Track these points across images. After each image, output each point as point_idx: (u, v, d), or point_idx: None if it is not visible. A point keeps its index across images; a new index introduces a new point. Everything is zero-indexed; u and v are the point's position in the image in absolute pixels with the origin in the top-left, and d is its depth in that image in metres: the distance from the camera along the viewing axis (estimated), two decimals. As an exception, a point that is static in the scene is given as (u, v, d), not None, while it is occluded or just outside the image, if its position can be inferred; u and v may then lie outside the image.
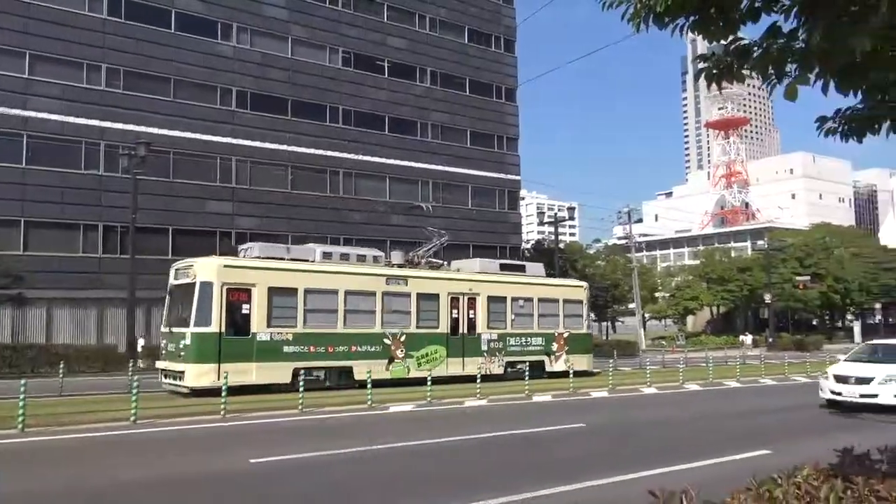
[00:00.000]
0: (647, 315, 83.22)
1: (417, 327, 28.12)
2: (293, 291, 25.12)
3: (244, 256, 26.11)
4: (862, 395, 18.92)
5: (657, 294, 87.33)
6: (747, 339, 67.59)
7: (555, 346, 32.33)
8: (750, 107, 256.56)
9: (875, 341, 23.29)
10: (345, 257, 27.57)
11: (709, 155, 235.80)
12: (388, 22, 59.28)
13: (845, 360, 20.95)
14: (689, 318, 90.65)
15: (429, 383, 22.71)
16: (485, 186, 62.75)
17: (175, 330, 24.46)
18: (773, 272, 71.34)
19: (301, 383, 21.09)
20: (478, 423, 17.40)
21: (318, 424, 17.32)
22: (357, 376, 25.85)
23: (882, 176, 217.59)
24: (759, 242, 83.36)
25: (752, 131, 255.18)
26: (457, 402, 21.80)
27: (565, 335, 32.74)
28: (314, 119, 54.59)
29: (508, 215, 64.27)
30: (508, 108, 64.79)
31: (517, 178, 65.13)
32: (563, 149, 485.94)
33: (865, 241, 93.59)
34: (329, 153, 55.16)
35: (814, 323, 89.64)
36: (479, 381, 24.69)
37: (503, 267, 32.60)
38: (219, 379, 22.35)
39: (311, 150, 54.47)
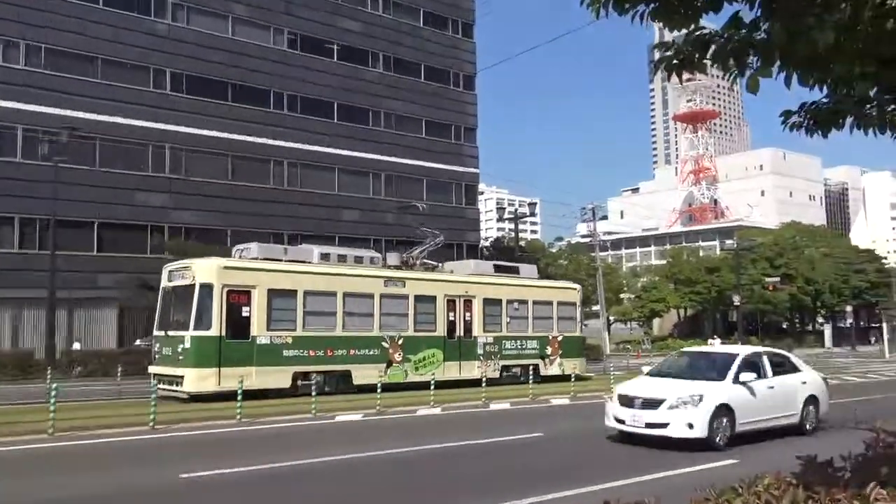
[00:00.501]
0: (611, 317, 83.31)
1: (415, 330, 28.84)
2: (293, 294, 25.74)
3: (241, 257, 26.61)
4: (648, 424, 15.24)
5: (622, 295, 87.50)
6: (716, 342, 65.37)
7: (549, 350, 33.16)
8: (719, 100, 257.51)
9: (689, 349, 19.79)
10: (342, 259, 28.17)
11: (677, 149, 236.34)
12: (339, 2, 58.42)
13: (645, 375, 17.70)
14: (656, 321, 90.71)
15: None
16: (441, 179, 62.32)
17: (172, 333, 24.82)
18: (743, 273, 71.31)
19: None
20: (434, 433, 17.38)
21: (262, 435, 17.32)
22: (356, 381, 26.55)
23: (853, 173, 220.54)
24: (728, 241, 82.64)
25: (721, 125, 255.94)
26: (411, 411, 21.81)
27: (559, 338, 33.54)
28: (257, 105, 53.57)
29: (466, 210, 63.92)
30: (467, 96, 64.27)
31: (475, 170, 64.79)
32: (525, 141, 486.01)
33: (836, 240, 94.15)
34: (273, 142, 53.95)
35: (784, 326, 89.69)
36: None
37: (497, 268, 33.39)
38: (219, 384, 23.34)
39: (254, 139, 53.26)
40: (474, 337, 30.69)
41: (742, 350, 17.79)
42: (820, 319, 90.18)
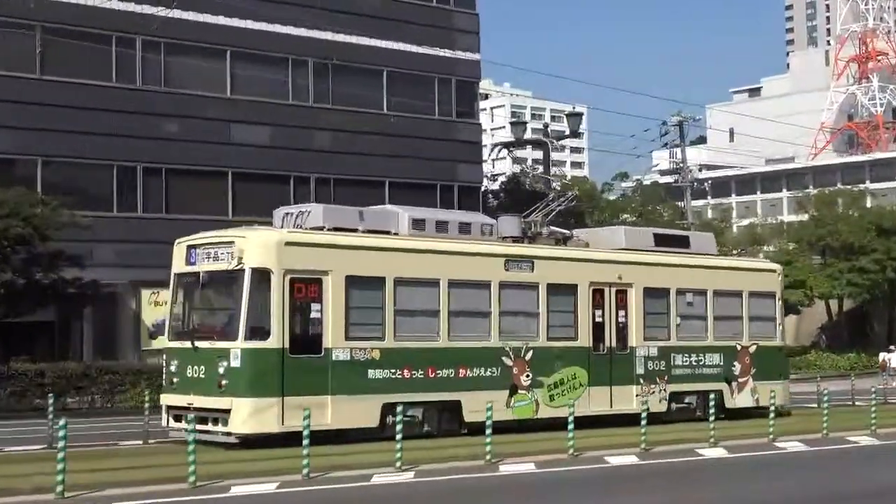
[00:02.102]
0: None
1: (548, 339, 27.97)
2: (379, 283, 25.02)
3: (298, 226, 25.50)
4: None
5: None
6: (892, 357, 58.99)
7: (738, 368, 31.97)
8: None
9: None
10: (441, 227, 27.50)
11: (828, 21, 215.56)
12: None
13: None
14: (790, 319, 78.22)
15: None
16: (414, 72, 56.55)
17: (204, 345, 23.86)
18: None
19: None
20: None
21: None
22: (467, 416, 25.62)
23: None
24: None
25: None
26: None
27: (752, 350, 32.35)
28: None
29: (458, 127, 58.38)
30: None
31: (475, 57, 59.35)
32: (560, 14, 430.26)
33: None
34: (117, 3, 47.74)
35: None
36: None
37: (658, 239, 32.26)
38: (282, 422, 22.79)
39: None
40: (631, 348, 29.67)
41: None
42: None
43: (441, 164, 56.99)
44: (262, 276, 23.47)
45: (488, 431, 20.51)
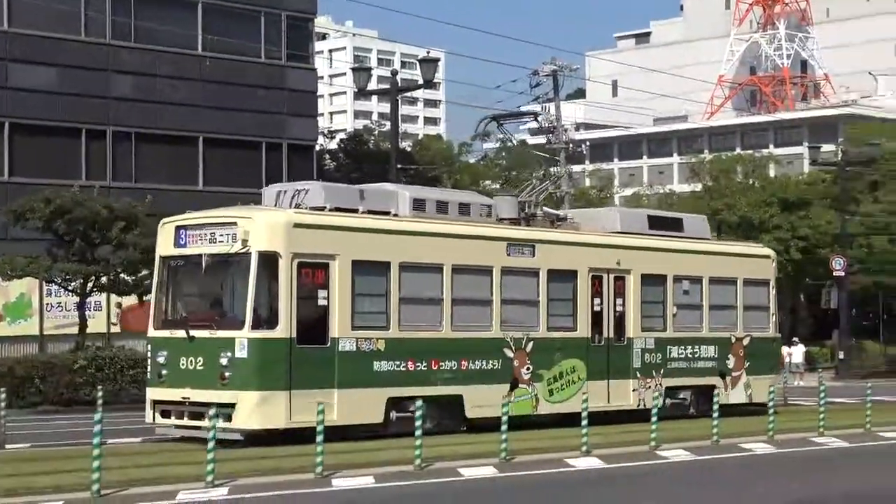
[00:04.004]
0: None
1: (548, 329, 30.08)
2: (385, 268, 27.07)
3: (297, 206, 27.12)
4: None
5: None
6: (795, 351, 61.92)
7: (732, 361, 34.45)
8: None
9: None
10: (441, 207, 29.52)
11: None
12: None
13: None
14: None
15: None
16: (236, 5, 57.01)
17: (203, 335, 25.34)
18: (853, 213, 68.48)
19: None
20: None
21: None
22: (469, 412, 28.04)
23: None
24: (827, 147, 78.82)
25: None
26: None
27: (745, 342, 34.87)
28: None
29: (288, 73, 58.94)
30: None
31: None
32: None
33: None
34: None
35: None
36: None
37: (653, 222, 34.45)
38: (290, 417, 24.60)
39: None
40: (628, 340, 32.02)
41: None
42: None
43: (268, 117, 56.99)
44: (269, 261, 25.10)
45: (319, 438, 20.64)
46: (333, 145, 76.82)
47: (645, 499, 19.66)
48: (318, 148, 64.19)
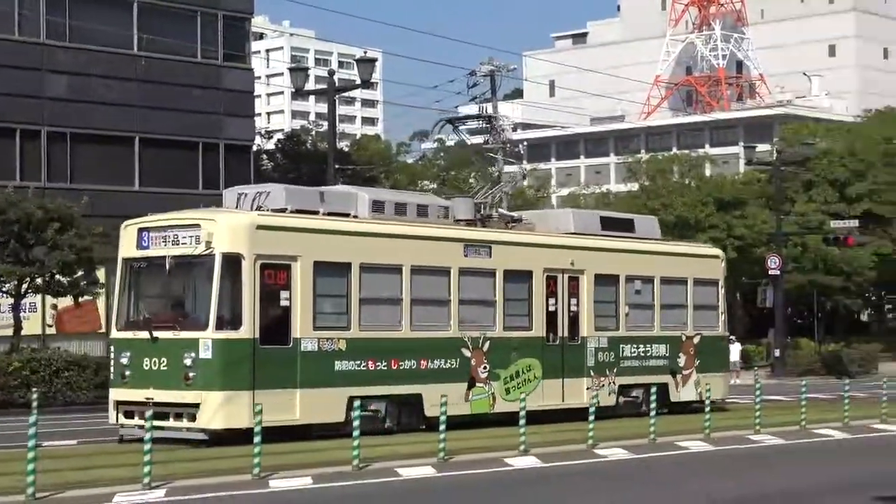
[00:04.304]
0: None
1: (504, 328, 30.69)
2: (345, 269, 27.67)
3: (259, 208, 27.63)
4: None
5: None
6: (731, 349, 60.41)
7: (682, 360, 35.13)
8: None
9: None
10: (400, 209, 30.21)
11: None
12: None
13: None
14: None
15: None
16: (172, 4, 56.64)
17: (166, 335, 25.70)
18: (789, 212, 69.22)
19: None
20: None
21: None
22: (429, 410, 28.13)
23: None
24: (762, 147, 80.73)
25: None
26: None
27: (696, 340, 35.54)
28: None
29: (225, 73, 58.58)
30: None
31: None
32: None
33: None
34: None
35: (861, 317, 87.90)
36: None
37: (605, 223, 35.16)
38: (254, 415, 23.12)
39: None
40: (582, 339, 32.60)
41: None
42: None
43: (204, 117, 56.49)
44: (232, 262, 25.57)
45: (257, 439, 20.56)
46: (271, 145, 76.62)
47: (577, 497, 19.74)
48: (255, 148, 64.01)
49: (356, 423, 22.50)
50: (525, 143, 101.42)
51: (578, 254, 32.79)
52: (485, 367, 30.18)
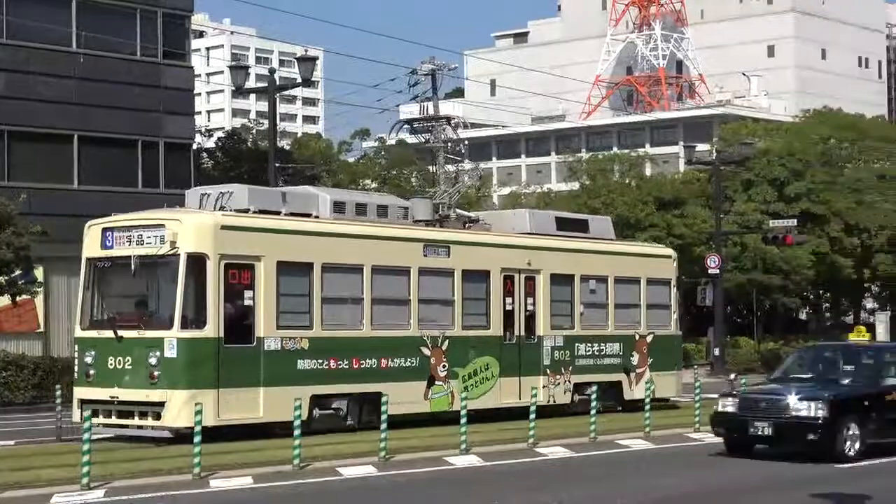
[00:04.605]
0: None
1: (463, 327, 31.30)
2: (308, 269, 28.12)
3: (221, 208, 27.98)
4: None
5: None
6: None
7: (636, 358, 35.63)
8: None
9: None
10: (360, 209, 30.72)
11: None
12: None
13: None
14: None
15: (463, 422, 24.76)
16: (111, 1, 55.31)
17: (131, 335, 26.03)
18: (728, 211, 69.02)
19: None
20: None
21: None
22: (390, 408, 26.76)
23: None
24: (702, 147, 79.21)
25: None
26: None
27: (649, 339, 36.12)
28: None
29: (164, 70, 57.26)
30: None
31: None
32: None
33: None
34: None
35: (802, 317, 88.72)
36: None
37: (560, 224, 35.71)
38: (218, 414, 25.29)
39: None
40: (539, 338, 33.09)
41: None
42: (870, 303, 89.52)
43: (144, 115, 55.46)
44: (197, 262, 25.97)
45: (197, 439, 20.42)
46: (211, 144, 75.75)
47: (513, 495, 19.73)
48: (195, 146, 62.93)
49: (297, 422, 22.55)
50: (466, 143, 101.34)
51: (535, 254, 33.26)
52: (444, 366, 30.68)
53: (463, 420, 24.58)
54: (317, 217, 29.51)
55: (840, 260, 75.55)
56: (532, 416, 25.90)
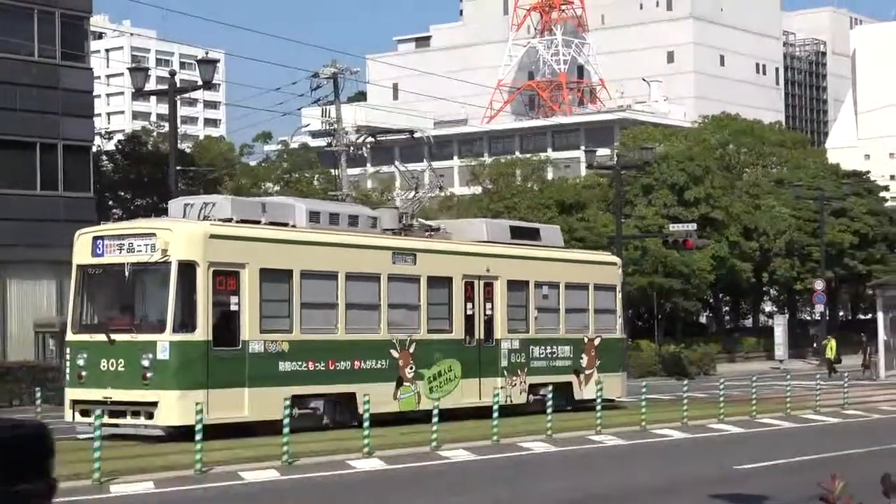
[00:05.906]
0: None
1: (428, 331, 32.52)
2: (288, 275, 29.25)
3: (205, 218, 28.93)
4: None
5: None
6: None
7: (585, 360, 36.85)
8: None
9: None
10: (334, 219, 31.83)
11: None
12: None
13: None
14: None
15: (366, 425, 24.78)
16: (7, 2, 54.32)
17: (124, 338, 27.15)
18: (629, 215, 69.11)
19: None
20: None
21: None
22: (362, 408, 27.55)
23: (837, 23, 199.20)
24: (603, 151, 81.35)
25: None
26: None
27: (597, 342, 37.34)
28: None
29: (63, 72, 56.69)
30: None
31: None
32: None
33: (802, 152, 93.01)
34: None
35: (702, 320, 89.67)
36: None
37: (514, 232, 36.91)
38: (208, 414, 25.11)
39: None
40: (496, 341, 34.16)
41: None
42: (768, 306, 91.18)
43: (42, 117, 54.64)
44: (188, 269, 27.01)
45: (96, 444, 20.24)
46: (111, 146, 75.02)
47: (410, 498, 19.92)
48: (94, 149, 62.27)
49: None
50: (368, 146, 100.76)
51: (493, 261, 34.51)
52: (411, 367, 31.82)
53: (366, 423, 24.79)
54: (293, 226, 30.36)
55: (739, 264, 76.27)
56: (434, 419, 26.06)
